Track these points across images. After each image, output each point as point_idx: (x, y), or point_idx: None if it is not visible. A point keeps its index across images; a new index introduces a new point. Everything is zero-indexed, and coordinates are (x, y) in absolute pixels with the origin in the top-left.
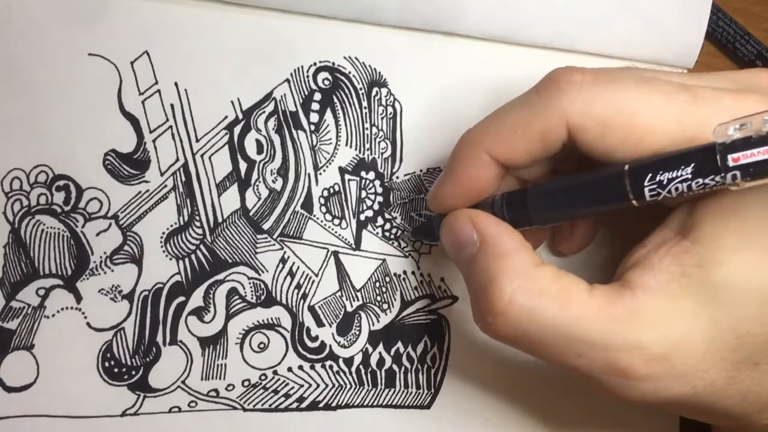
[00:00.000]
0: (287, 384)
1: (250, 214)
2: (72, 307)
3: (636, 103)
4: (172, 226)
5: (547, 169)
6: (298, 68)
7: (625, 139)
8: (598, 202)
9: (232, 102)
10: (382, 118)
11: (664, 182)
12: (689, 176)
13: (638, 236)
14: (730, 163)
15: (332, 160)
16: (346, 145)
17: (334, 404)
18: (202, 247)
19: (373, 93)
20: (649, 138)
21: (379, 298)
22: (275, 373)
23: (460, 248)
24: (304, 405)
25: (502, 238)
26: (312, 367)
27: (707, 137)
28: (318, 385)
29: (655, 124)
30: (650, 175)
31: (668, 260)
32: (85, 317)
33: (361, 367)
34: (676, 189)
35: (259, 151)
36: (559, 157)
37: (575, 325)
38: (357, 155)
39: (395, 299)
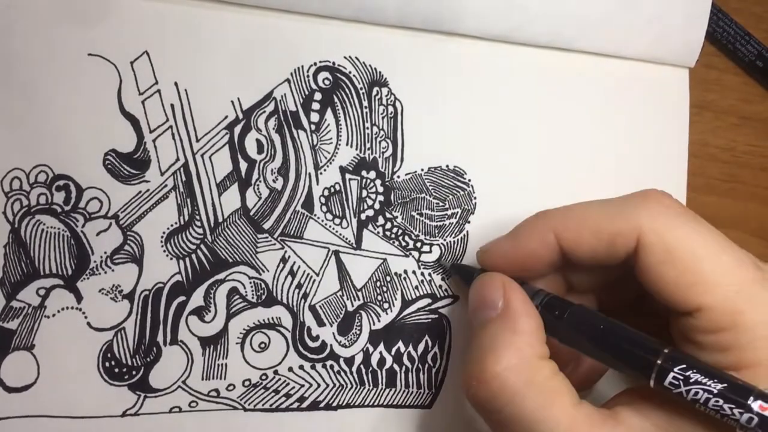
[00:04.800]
0: (288, 384)
1: (251, 213)
2: (72, 307)
3: (707, 252)
4: (172, 225)
5: (597, 285)
6: (299, 68)
7: (681, 278)
8: (624, 361)
9: (233, 102)
10: (383, 118)
11: (690, 380)
12: (714, 391)
13: None
14: (756, 408)
15: (333, 160)
16: (347, 144)
17: (334, 404)
18: (202, 246)
19: (374, 92)
20: (701, 290)
21: (379, 298)
22: (276, 372)
23: (481, 306)
24: (304, 405)
25: (523, 318)
26: (313, 367)
27: (753, 321)
28: (319, 385)
29: (715, 281)
30: (684, 366)
31: (661, 416)
32: (86, 317)
33: (361, 366)
34: (695, 393)
35: (260, 150)
36: (611, 281)
37: (547, 427)
38: (358, 155)
39: (396, 299)
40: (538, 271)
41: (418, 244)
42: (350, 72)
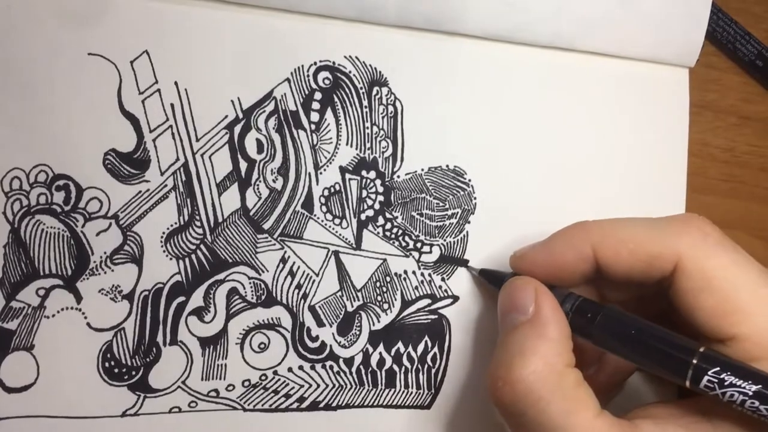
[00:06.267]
0: (287, 384)
1: (251, 213)
2: (72, 308)
3: (746, 283)
4: (172, 225)
5: (626, 299)
6: (299, 68)
7: (718, 306)
8: (658, 361)
9: (233, 101)
10: (383, 118)
11: (725, 383)
12: (750, 393)
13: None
14: None
15: (333, 160)
16: (347, 144)
17: (334, 404)
18: (202, 246)
19: (374, 92)
20: (738, 320)
21: (379, 298)
22: (275, 373)
23: (512, 310)
24: (304, 405)
25: (552, 325)
26: (312, 368)
27: None
28: (318, 386)
29: (752, 312)
30: (718, 369)
31: (678, 426)
32: (85, 317)
33: (361, 367)
34: (731, 396)
35: (260, 150)
36: (640, 296)
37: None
38: (358, 154)
39: (396, 299)
40: (570, 281)
41: (418, 245)
42: (350, 72)
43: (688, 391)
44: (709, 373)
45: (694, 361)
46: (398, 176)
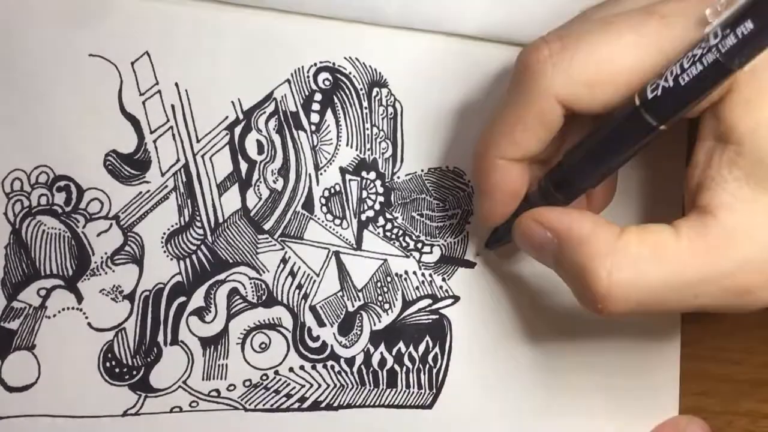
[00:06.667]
0: (288, 384)
1: (251, 214)
2: (73, 308)
3: (611, 52)
4: (172, 226)
5: (560, 142)
6: (299, 68)
7: (616, 89)
8: (630, 141)
9: (233, 102)
10: (383, 119)
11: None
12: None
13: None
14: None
15: (333, 161)
16: (347, 145)
17: (335, 404)
18: (203, 247)
19: (374, 93)
20: (637, 78)
21: (380, 298)
22: (276, 373)
23: (540, 250)
24: (305, 405)
25: (574, 225)
26: (313, 367)
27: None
28: (319, 386)
29: (637, 64)
30: (654, 85)
31: (727, 170)
32: (86, 317)
33: (362, 367)
34: (683, 79)
35: (260, 151)
36: (567, 128)
37: (680, 272)
38: (358, 155)
39: (397, 299)
40: (521, 189)
41: (419, 245)
42: (350, 72)
43: None
44: (648, 90)
45: (647, 114)
46: (398, 177)
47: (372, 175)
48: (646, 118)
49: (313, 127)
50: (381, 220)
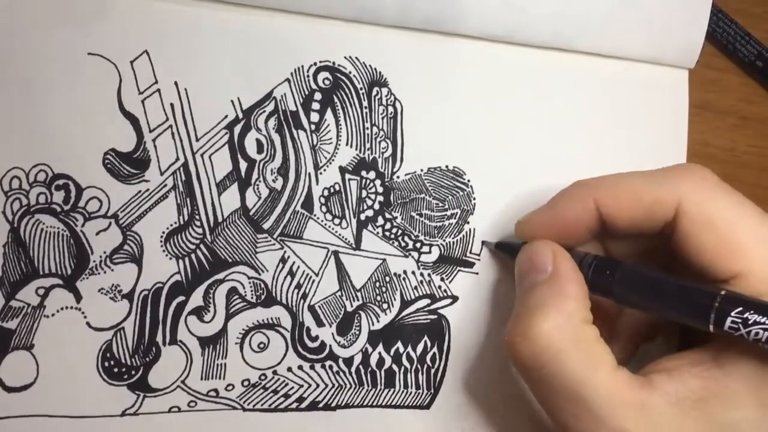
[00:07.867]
0: (287, 384)
1: (251, 213)
2: (72, 307)
3: (746, 222)
4: (172, 225)
5: (634, 253)
6: (299, 68)
7: (720, 245)
8: (680, 309)
9: (232, 101)
10: (383, 118)
11: (749, 322)
12: None
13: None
14: None
15: (333, 160)
16: (347, 144)
17: (333, 404)
18: (202, 246)
19: (374, 93)
20: (739, 257)
21: (379, 298)
22: (275, 373)
23: (531, 271)
24: (303, 405)
25: (572, 283)
26: (312, 367)
27: None
28: (318, 385)
29: (753, 249)
30: (741, 309)
31: (695, 381)
32: (85, 317)
33: (360, 367)
34: (756, 334)
35: (260, 150)
36: (646, 251)
37: (588, 387)
38: (357, 155)
39: (395, 299)
40: (576, 239)
41: (418, 245)
42: (350, 72)
43: (689, 344)
44: (733, 313)
45: (716, 304)
46: (398, 176)
47: (371, 174)
48: (712, 309)
49: (313, 127)
50: (380, 220)
